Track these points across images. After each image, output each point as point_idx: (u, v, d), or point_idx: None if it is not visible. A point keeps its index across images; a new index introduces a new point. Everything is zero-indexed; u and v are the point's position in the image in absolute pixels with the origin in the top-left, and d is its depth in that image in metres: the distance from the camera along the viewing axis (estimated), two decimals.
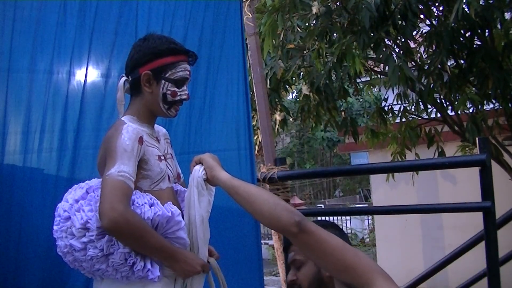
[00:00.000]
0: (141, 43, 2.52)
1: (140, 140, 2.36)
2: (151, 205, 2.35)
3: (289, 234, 2.01)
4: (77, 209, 2.36)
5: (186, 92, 2.53)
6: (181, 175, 2.79)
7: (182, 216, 2.47)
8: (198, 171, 2.41)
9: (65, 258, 2.42)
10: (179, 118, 3.43)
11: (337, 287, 2.14)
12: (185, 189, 2.62)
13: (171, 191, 2.57)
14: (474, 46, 5.55)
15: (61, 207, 2.41)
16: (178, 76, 2.49)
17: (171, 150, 2.70)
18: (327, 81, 6.13)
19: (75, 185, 2.53)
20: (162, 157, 2.51)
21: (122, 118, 2.46)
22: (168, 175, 2.54)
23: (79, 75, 3.18)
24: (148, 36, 2.53)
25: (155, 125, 2.67)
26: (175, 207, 2.41)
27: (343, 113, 7.23)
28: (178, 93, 2.50)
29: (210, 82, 3.67)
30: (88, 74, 3.21)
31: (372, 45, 5.36)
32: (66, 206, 2.40)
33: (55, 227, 2.42)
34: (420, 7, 5.61)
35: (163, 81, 2.47)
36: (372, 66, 7.26)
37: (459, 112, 6.18)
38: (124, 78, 2.53)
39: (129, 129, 2.36)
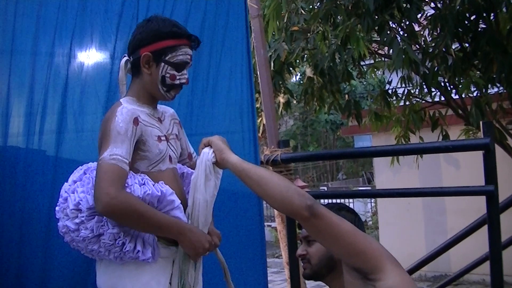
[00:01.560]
0: (145, 24, 2.52)
1: (135, 121, 2.35)
2: (141, 185, 2.34)
3: (300, 218, 2.01)
4: (72, 190, 2.37)
5: (186, 76, 2.52)
6: (193, 155, 2.78)
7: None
8: (207, 154, 2.40)
9: (65, 239, 2.43)
10: (182, 100, 3.43)
11: (345, 272, 2.15)
12: (193, 171, 2.61)
13: (172, 172, 2.55)
14: (479, 29, 5.52)
15: (63, 188, 2.43)
16: (178, 59, 2.48)
17: (177, 130, 2.69)
18: (331, 64, 6.11)
19: (80, 167, 2.53)
20: (163, 138, 2.50)
21: (120, 100, 2.46)
22: (170, 156, 2.53)
23: (80, 57, 3.18)
24: (152, 18, 2.53)
25: (163, 106, 2.68)
26: (167, 186, 2.40)
27: (346, 96, 7.22)
28: (177, 77, 2.49)
29: (213, 65, 3.66)
30: (90, 57, 3.21)
31: (376, 28, 5.34)
32: (66, 187, 2.42)
33: (56, 208, 2.44)
34: None
35: (163, 64, 2.46)
36: (376, 49, 7.23)
37: (463, 96, 6.17)
38: (125, 58, 2.53)
39: (123, 111, 2.35)
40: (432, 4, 6.08)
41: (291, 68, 6.99)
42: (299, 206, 1.98)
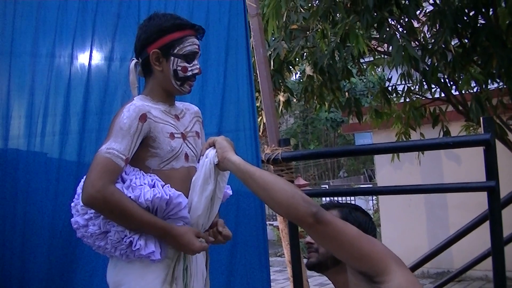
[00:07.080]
0: (147, 22, 2.51)
1: (142, 117, 2.34)
2: (151, 187, 2.33)
3: (305, 225, 2.00)
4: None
5: (197, 66, 2.51)
6: None
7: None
8: (210, 156, 2.38)
9: (77, 234, 2.44)
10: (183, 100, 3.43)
11: (349, 273, 2.14)
12: None
13: (187, 171, 2.50)
14: (478, 25, 5.51)
15: (79, 185, 2.43)
16: (186, 50, 2.47)
17: (199, 128, 2.66)
18: (331, 62, 6.11)
19: None
20: (178, 135, 2.47)
21: (134, 97, 2.46)
22: (187, 154, 2.50)
23: (81, 58, 3.18)
24: (153, 16, 2.52)
25: (186, 103, 2.67)
26: (173, 189, 2.37)
27: (346, 93, 7.22)
28: (189, 68, 2.48)
29: (221, 63, 3.67)
30: (93, 57, 3.21)
31: (375, 25, 5.33)
32: (81, 183, 2.41)
33: (72, 204, 2.45)
34: None
35: (172, 58, 2.46)
36: (375, 46, 7.23)
37: (463, 92, 6.16)
38: (134, 61, 2.52)
39: (131, 107, 2.35)
40: (431, 0, 6.08)
41: (290, 67, 6.99)
42: (304, 213, 1.97)
